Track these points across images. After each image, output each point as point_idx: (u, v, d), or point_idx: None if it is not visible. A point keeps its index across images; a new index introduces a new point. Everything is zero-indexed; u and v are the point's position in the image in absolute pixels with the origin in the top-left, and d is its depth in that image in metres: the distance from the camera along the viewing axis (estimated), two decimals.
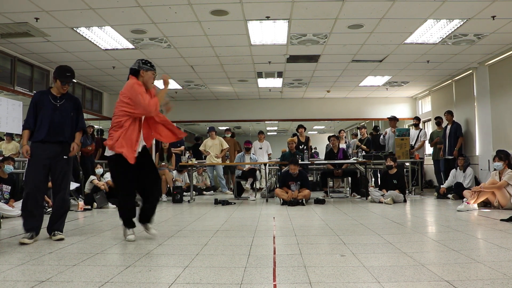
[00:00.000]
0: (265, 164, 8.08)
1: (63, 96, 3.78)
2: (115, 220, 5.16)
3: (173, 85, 9.92)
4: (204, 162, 9.06)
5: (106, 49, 6.97)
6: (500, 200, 5.57)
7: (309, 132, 19.49)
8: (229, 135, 10.34)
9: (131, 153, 3.51)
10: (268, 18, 5.69)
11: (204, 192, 9.66)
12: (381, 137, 9.41)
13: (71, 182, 6.79)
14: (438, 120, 9.05)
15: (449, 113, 8.50)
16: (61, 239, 3.64)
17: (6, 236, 3.89)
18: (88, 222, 5.05)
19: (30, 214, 3.58)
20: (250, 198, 8.06)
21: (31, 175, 3.64)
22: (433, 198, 7.59)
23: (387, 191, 6.83)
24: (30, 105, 3.72)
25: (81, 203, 6.25)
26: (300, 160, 7.43)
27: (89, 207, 6.35)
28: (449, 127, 8.41)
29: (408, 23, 5.97)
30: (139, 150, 3.63)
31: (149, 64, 3.68)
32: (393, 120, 9.24)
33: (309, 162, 8.06)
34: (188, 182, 8.85)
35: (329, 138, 8.72)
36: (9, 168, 5.54)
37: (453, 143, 8.26)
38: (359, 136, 10.46)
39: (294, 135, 9.72)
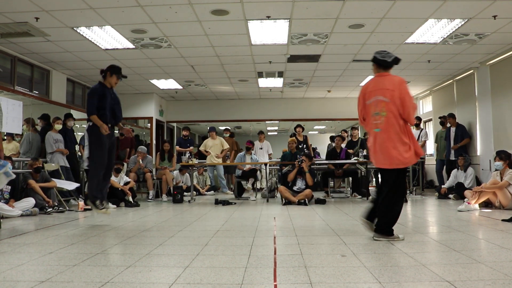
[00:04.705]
0: (265, 164, 8.07)
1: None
2: (115, 220, 5.16)
3: (173, 85, 9.92)
4: (205, 162, 9.05)
5: (106, 49, 6.96)
6: (501, 200, 5.56)
7: (309, 132, 19.48)
8: (228, 134, 10.33)
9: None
10: (268, 17, 5.68)
11: (205, 192, 9.65)
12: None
13: (71, 182, 6.81)
14: (442, 120, 8.83)
15: (451, 117, 8.41)
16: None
17: (6, 236, 3.88)
18: (88, 222, 5.05)
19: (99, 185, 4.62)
20: (250, 198, 8.05)
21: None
22: (434, 198, 7.58)
23: None
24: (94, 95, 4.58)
25: (81, 203, 6.23)
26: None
27: (90, 207, 6.33)
28: (453, 129, 8.35)
29: (409, 23, 5.95)
30: None
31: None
32: None
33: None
34: (189, 184, 8.81)
35: (332, 138, 8.70)
36: None
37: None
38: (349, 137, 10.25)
39: (292, 135, 9.65)
